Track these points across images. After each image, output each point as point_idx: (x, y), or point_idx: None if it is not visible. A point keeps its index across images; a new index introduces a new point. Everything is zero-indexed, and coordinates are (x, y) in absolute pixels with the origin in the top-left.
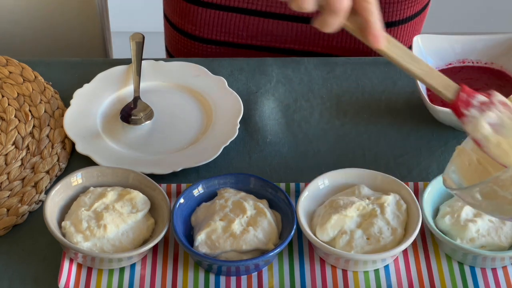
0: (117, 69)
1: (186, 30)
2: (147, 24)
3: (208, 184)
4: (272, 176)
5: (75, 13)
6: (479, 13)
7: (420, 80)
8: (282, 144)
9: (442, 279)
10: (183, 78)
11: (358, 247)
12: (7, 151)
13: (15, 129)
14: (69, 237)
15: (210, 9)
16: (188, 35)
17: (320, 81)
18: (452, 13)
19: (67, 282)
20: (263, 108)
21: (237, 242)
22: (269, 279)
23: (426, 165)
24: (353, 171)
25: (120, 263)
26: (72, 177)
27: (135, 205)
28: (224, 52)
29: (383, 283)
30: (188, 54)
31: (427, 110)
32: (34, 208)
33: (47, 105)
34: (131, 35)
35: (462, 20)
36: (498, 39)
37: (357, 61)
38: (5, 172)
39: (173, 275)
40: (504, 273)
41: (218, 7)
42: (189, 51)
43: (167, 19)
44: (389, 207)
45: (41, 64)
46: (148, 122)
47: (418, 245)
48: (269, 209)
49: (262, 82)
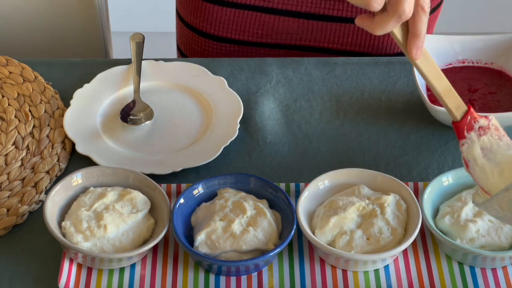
0: (117, 69)
1: (200, 28)
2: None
3: (208, 184)
4: (272, 176)
5: (75, 13)
6: (479, 13)
7: (437, 96)
8: (282, 144)
9: (442, 279)
10: (183, 78)
11: (358, 247)
12: (7, 151)
13: (15, 129)
14: (69, 237)
15: (225, 7)
16: (202, 33)
17: (320, 81)
18: (452, 13)
19: (67, 282)
20: (263, 108)
21: (237, 242)
22: (269, 279)
23: (426, 165)
24: (353, 171)
25: (120, 263)
26: (72, 177)
27: (135, 205)
28: (238, 50)
29: (383, 283)
30: (202, 52)
31: (427, 110)
32: (34, 208)
33: (47, 105)
34: (131, 35)
35: (462, 20)
36: (498, 39)
37: (357, 61)
38: (5, 172)
39: (173, 275)
40: (504, 273)
41: (233, 5)
42: (202, 49)
43: (180, 18)
44: (389, 207)
45: (41, 64)
46: (148, 122)
47: (418, 245)
48: (269, 209)
49: (262, 82)
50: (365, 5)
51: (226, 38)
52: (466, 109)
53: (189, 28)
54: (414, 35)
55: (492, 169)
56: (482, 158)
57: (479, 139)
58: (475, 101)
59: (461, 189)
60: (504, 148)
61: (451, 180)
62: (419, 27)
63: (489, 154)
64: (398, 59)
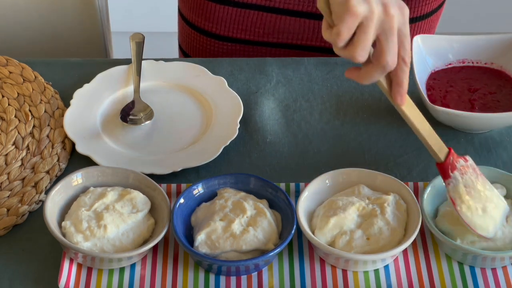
0: (117, 69)
1: (202, 27)
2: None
3: (208, 184)
4: (272, 176)
5: (75, 13)
6: (479, 13)
7: (422, 139)
8: (282, 144)
9: (442, 279)
10: (183, 78)
11: (358, 247)
12: (7, 151)
13: (15, 129)
14: (69, 237)
15: (227, 6)
16: (204, 32)
17: (320, 81)
18: (452, 13)
19: (67, 282)
20: (263, 108)
21: (237, 242)
22: (269, 279)
23: (426, 165)
24: (353, 171)
25: (120, 263)
26: (72, 177)
27: (136, 205)
28: (240, 49)
29: (383, 283)
30: (203, 51)
31: (427, 110)
32: (34, 208)
33: (47, 105)
34: (131, 35)
35: (462, 20)
36: (498, 39)
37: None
38: (5, 172)
39: (173, 275)
40: (504, 273)
41: (235, 4)
42: (204, 48)
43: (183, 17)
44: (389, 207)
45: (41, 64)
46: (148, 122)
47: (418, 245)
48: (269, 209)
49: (262, 82)
50: (350, 57)
51: (228, 37)
52: (448, 151)
53: (191, 26)
54: (397, 84)
55: (476, 205)
56: (467, 196)
57: (462, 178)
58: (475, 101)
59: None
60: (482, 187)
61: None
62: (401, 77)
63: (472, 192)
64: None
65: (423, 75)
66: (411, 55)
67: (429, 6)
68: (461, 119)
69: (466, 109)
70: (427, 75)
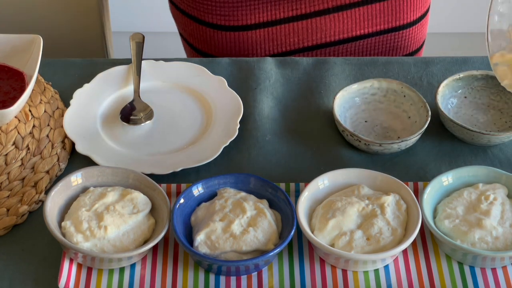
0: (117, 69)
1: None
2: (147, 24)
3: (208, 184)
4: (272, 176)
5: (75, 13)
6: (479, 13)
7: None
8: (281, 143)
9: (442, 279)
10: (183, 78)
11: (358, 247)
12: (7, 151)
13: (15, 129)
14: (69, 237)
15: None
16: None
17: (318, 80)
18: (452, 13)
19: (67, 282)
20: (262, 108)
21: (237, 243)
22: (269, 279)
23: (426, 165)
24: (353, 171)
25: (120, 263)
26: (72, 177)
27: (136, 205)
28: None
29: (383, 283)
30: (206, 41)
31: None
32: (34, 208)
33: (47, 105)
34: (131, 35)
35: (462, 20)
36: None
37: (355, 61)
38: (5, 172)
39: (173, 275)
40: (504, 273)
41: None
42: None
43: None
44: (389, 207)
45: (41, 64)
46: (148, 122)
47: (418, 245)
48: (269, 209)
49: (262, 81)
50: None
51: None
52: None
53: (189, 17)
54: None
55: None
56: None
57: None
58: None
59: (461, 188)
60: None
61: (451, 180)
62: None
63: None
64: (397, 59)
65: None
66: None
67: (419, 11)
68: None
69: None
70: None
